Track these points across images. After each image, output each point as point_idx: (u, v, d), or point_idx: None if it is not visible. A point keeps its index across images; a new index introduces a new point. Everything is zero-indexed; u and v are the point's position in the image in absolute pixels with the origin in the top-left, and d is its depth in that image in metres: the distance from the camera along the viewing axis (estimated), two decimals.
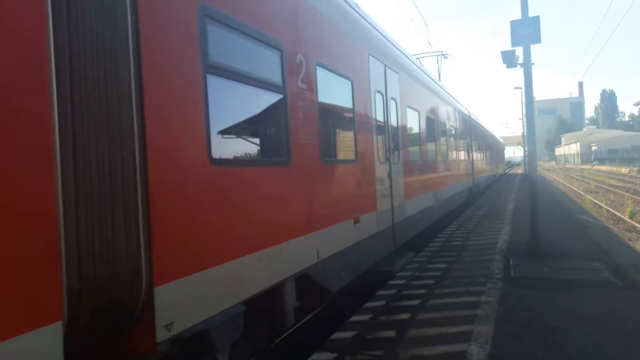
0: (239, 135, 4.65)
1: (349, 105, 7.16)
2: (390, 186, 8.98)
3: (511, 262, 9.02)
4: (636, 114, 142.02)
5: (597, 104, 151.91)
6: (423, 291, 7.24)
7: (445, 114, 16.50)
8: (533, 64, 9.65)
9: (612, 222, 18.27)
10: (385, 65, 9.04)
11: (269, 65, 4.95)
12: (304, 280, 5.39)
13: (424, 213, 11.84)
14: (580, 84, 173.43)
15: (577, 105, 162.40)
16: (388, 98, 9.14)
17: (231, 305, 4.04)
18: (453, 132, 17.75)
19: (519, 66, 9.95)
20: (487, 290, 7.10)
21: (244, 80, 4.45)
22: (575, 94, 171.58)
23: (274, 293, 4.86)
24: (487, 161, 33.15)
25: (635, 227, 17.10)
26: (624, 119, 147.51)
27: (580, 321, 5.72)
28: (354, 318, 6.14)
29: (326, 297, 6.30)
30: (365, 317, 6.16)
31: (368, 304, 6.69)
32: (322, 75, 6.13)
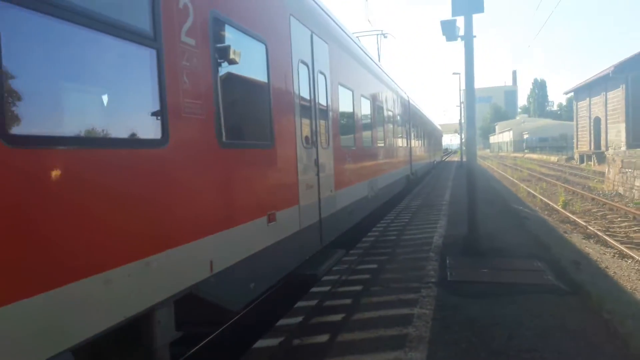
0: (59, 101, 3.19)
1: (262, 74, 5.86)
2: (318, 175, 7.81)
3: (447, 261, 8.14)
4: (564, 103, 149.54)
5: (528, 94, 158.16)
6: (348, 301, 6.15)
7: (384, 96, 15.53)
8: (475, 36, 8.73)
9: (546, 212, 18.18)
10: (313, 32, 7.79)
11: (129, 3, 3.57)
12: (189, 302, 4.10)
13: (358, 205, 10.81)
14: (514, 73, 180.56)
15: (511, 93, 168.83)
16: (315, 71, 7.91)
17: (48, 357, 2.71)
18: (391, 116, 16.85)
19: (459, 39, 8.99)
20: (421, 300, 6.11)
21: (78, 20, 3.04)
22: (510, 82, 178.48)
23: (138, 325, 3.55)
24: (425, 148, 32.89)
25: (568, 217, 17.03)
26: (553, 109, 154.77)
27: (529, 341, 4.81)
28: (259, 344, 4.92)
29: (226, 318, 5.05)
30: (274, 341, 4.96)
31: (282, 321, 5.51)
32: (219, 29, 4.79)
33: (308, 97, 7.60)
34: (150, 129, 3.71)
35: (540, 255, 8.73)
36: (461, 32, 9.02)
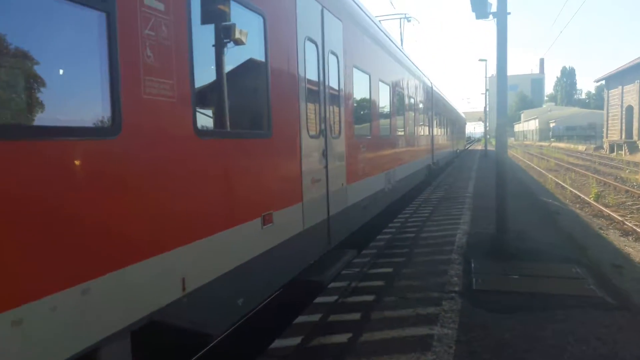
0: None
1: (258, 52, 5.01)
2: (326, 168, 6.96)
3: (472, 265, 7.23)
4: (593, 92, 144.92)
5: (556, 81, 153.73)
6: (357, 316, 5.31)
7: (405, 82, 14.52)
8: (509, 13, 7.70)
9: (578, 205, 16.99)
10: (324, 7, 6.88)
11: None
12: (153, 330, 3.32)
13: (373, 199, 9.93)
14: (542, 61, 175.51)
15: (538, 81, 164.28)
16: (326, 51, 7.02)
17: None
18: (413, 104, 15.84)
19: (490, 16, 7.97)
20: (443, 315, 5.23)
21: None
22: (537, 70, 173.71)
23: None
24: (448, 137, 31.68)
25: (602, 211, 15.85)
26: (581, 97, 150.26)
27: None
28: None
29: (206, 341, 4.28)
30: None
31: (277, 343, 4.69)
32: None
33: (316, 80, 6.72)
34: (95, 115, 2.91)
35: (577, 258, 7.75)
36: (493, 8, 7.99)
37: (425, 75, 20.94)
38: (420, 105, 18.02)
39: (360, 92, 9.28)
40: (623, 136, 45.59)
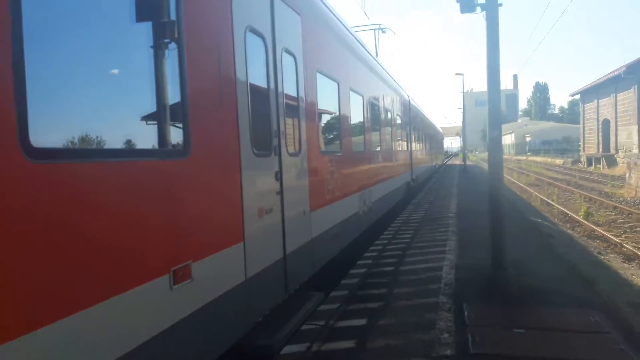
0: None
1: (161, 32, 3.54)
2: (281, 193, 5.50)
3: (466, 313, 5.77)
4: (566, 106, 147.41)
5: (529, 97, 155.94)
6: None
7: (381, 94, 13.22)
8: (500, 5, 6.42)
9: (568, 225, 15.84)
10: None
11: None
12: None
13: (345, 225, 8.48)
14: (515, 77, 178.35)
15: (512, 97, 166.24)
16: (278, 49, 5.60)
17: None
18: (389, 117, 14.54)
19: (478, 8, 6.67)
20: None
21: None
22: (510, 86, 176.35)
23: None
24: (427, 152, 30.59)
25: (594, 231, 14.70)
26: (554, 112, 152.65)
27: None
28: None
29: None
30: None
31: None
32: None
33: (264, 84, 5.28)
34: None
35: (589, 297, 6.40)
36: (481, 0, 6.70)
37: (402, 88, 19.77)
38: (398, 119, 16.76)
39: (326, 101, 7.88)
40: (600, 149, 45.38)
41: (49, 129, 2.55)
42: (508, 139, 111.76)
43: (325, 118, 7.85)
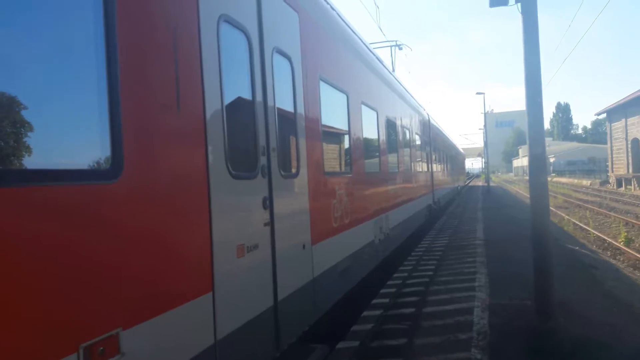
0: None
1: (87, 19, 2.52)
2: (271, 225, 4.39)
3: None
4: (589, 126, 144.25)
5: (551, 117, 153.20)
6: None
7: (398, 110, 12.12)
8: None
9: (609, 253, 14.32)
10: None
11: None
12: None
13: (358, 257, 7.30)
14: None
15: None
16: (268, 48, 4.56)
17: None
18: (407, 135, 13.41)
19: (514, 0, 5.55)
20: None
21: None
22: None
23: None
24: (449, 173, 29.26)
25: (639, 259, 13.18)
26: (577, 132, 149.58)
27: None
28: None
29: None
30: None
31: None
32: None
33: (248, 90, 4.23)
34: None
35: None
36: None
37: (422, 106, 18.67)
38: (417, 138, 15.61)
39: (333, 115, 6.80)
40: (630, 170, 43.28)
41: None
42: None
43: (331, 134, 6.76)
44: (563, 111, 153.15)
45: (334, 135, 6.99)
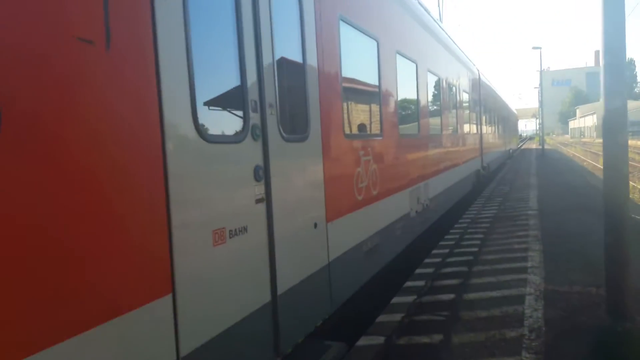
0: None
1: None
2: (266, 201, 3.48)
3: None
4: None
5: None
6: None
7: (442, 63, 10.78)
8: None
9: None
10: None
11: None
12: None
13: (389, 233, 6.33)
14: (597, 53, 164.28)
15: (593, 75, 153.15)
16: None
17: None
18: (453, 93, 12.05)
19: None
20: None
21: None
22: (591, 63, 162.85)
23: None
24: (500, 135, 27.36)
25: None
26: None
27: None
28: None
29: None
30: None
31: None
32: None
33: (232, 26, 3.23)
34: None
35: None
36: None
37: (471, 60, 17.02)
38: (465, 97, 14.17)
39: (357, 64, 5.71)
40: None
41: None
42: (589, 121, 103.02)
43: (355, 90, 5.70)
44: (627, 67, 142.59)
45: (359, 91, 5.92)
